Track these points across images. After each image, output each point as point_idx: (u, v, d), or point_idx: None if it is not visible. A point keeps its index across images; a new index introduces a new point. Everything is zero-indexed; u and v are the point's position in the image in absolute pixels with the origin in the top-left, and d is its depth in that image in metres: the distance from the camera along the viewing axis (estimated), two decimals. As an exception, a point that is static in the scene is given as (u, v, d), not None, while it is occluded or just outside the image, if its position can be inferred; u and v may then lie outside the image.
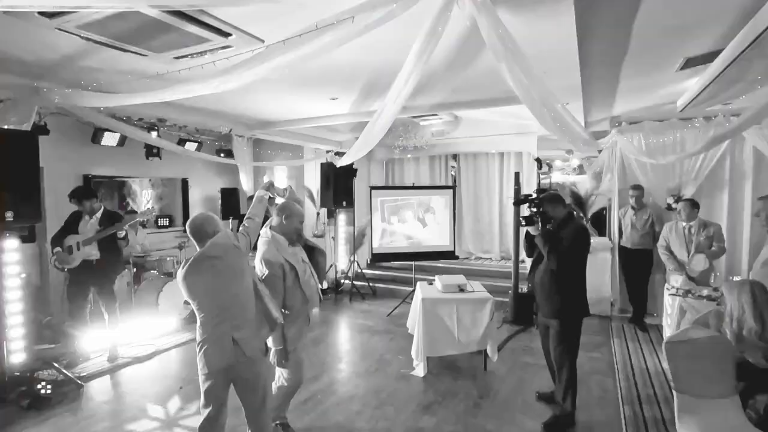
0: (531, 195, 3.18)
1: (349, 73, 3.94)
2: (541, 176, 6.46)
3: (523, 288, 6.02)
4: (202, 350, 2.30)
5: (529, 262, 3.36)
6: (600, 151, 5.96)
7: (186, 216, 7.36)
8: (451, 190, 6.77)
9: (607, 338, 5.00)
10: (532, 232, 3.10)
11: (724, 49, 3.17)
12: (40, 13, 2.54)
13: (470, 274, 5.87)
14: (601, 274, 5.91)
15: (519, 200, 3.27)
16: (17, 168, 3.46)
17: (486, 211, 8.12)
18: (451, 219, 6.64)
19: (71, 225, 4.27)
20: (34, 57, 3.42)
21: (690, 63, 3.65)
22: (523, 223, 3.10)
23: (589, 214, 6.15)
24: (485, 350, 4.10)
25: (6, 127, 3.67)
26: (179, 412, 3.40)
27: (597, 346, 4.75)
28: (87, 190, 4.48)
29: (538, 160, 6.08)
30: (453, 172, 8.64)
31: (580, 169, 7.84)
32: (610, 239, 5.97)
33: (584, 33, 2.81)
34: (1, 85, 3.73)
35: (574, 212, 3.11)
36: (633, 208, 5.43)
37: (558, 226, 3.06)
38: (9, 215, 3.38)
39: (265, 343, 2.56)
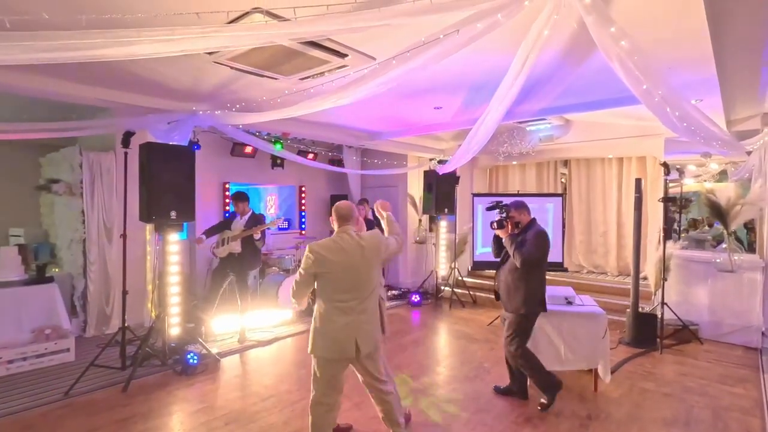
0: (501, 201, 3.59)
1: (453, 81, 4.04)
2: (670, 183, 5.72)
3: (645, 307, 5.41)
4: None
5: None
6: (749, 154, 5.10)
7: (301, 219, 8.17)
8: (559, 198, 6.38)
9: (754, 372, 4.24)
10: (501, 236, 3.51)
11: None
12: (202, 50, 3.14)
13: (581, 289, 5.46)
14: (748, 297, 5.05)
15: (491, 206, 3.65)
16: (179, 175, 4.24)
17: (600, 221, 7.45)
18: (561, 229, 6.25)
19: (228, 222, 5.11)
20: (193, 85, 4.21)
21: None
22: (495, 226, 3.51)
23: (733, 227, 5.26)
24: (596, 370, 3.81)
25: (171, 143, 4.56)
26: (293, 392, 3.81)
27: (740, 380, 4.05)
28: (241, 194, 5.26)
29: (665, 164, 5.41)
30: (563, 179, 8.12)
31: (721, 175, 6.77)
32: (762, 257, 5.05)
33: (717, 12, 2.49)
34: (170, 110, 4.66)
35: (535, 218, 3.56)
36: (794, 220, 4.54)
37: (523, 230, 3.47)
38: (173, 214, 4.18)
39: None
